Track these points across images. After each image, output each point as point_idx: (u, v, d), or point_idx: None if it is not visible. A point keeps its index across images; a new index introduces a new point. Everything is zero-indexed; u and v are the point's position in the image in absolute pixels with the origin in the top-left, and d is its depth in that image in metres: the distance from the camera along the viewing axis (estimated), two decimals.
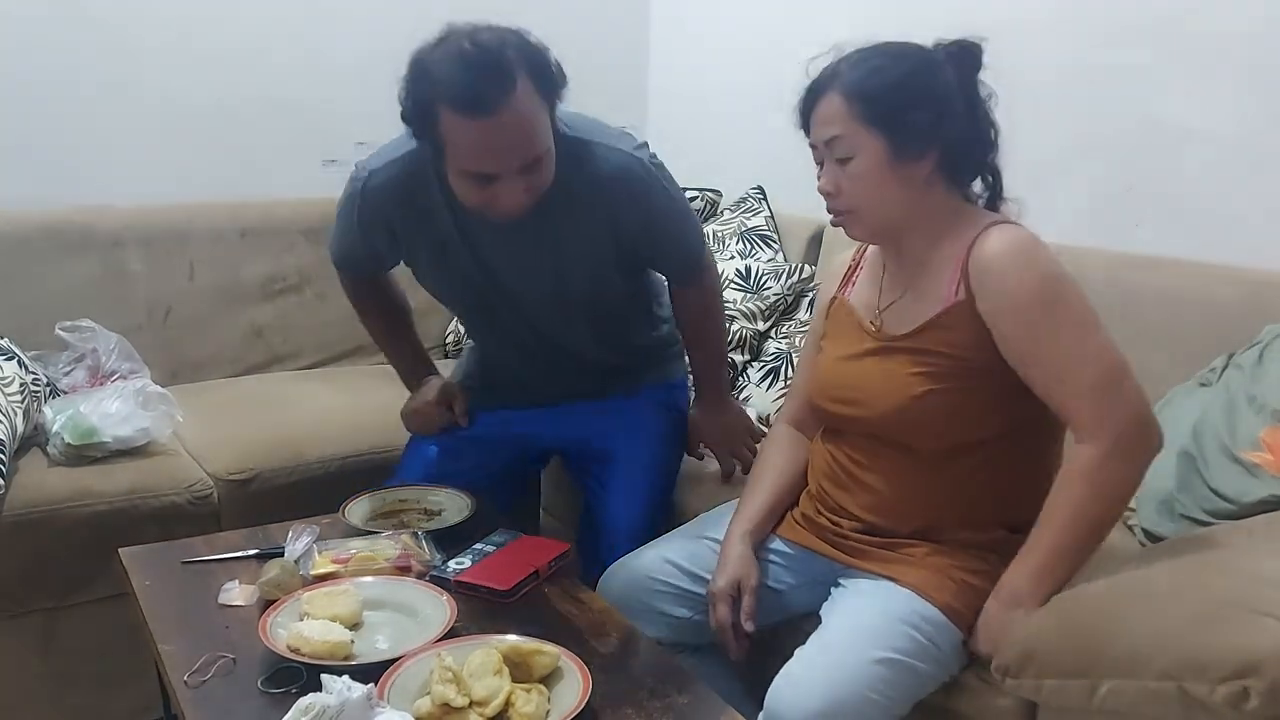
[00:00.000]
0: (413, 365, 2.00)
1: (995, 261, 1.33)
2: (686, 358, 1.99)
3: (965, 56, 1.39)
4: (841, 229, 1.44)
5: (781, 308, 2.38)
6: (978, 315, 1.34)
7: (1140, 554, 1.53)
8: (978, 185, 1.45)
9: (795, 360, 2.19)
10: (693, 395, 2.00)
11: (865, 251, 1.57)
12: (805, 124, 1.42)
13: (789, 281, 2.38)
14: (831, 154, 1.38)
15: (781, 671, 1.31)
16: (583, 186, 1.64)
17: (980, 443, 1.40)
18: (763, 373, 2.25)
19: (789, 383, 2.09)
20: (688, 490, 1.94)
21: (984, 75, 1.41)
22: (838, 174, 1.38)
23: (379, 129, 2.83)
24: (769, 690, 1.30)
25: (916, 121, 1.34)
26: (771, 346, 2.32)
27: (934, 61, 1.38)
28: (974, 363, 1.36)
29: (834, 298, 1.57)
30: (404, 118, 1.55)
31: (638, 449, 1.87)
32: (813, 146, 1.42)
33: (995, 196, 1.45)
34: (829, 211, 1.43)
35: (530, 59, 1.48)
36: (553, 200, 1.60)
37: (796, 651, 1.34)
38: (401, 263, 1.86)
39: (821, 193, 1.41)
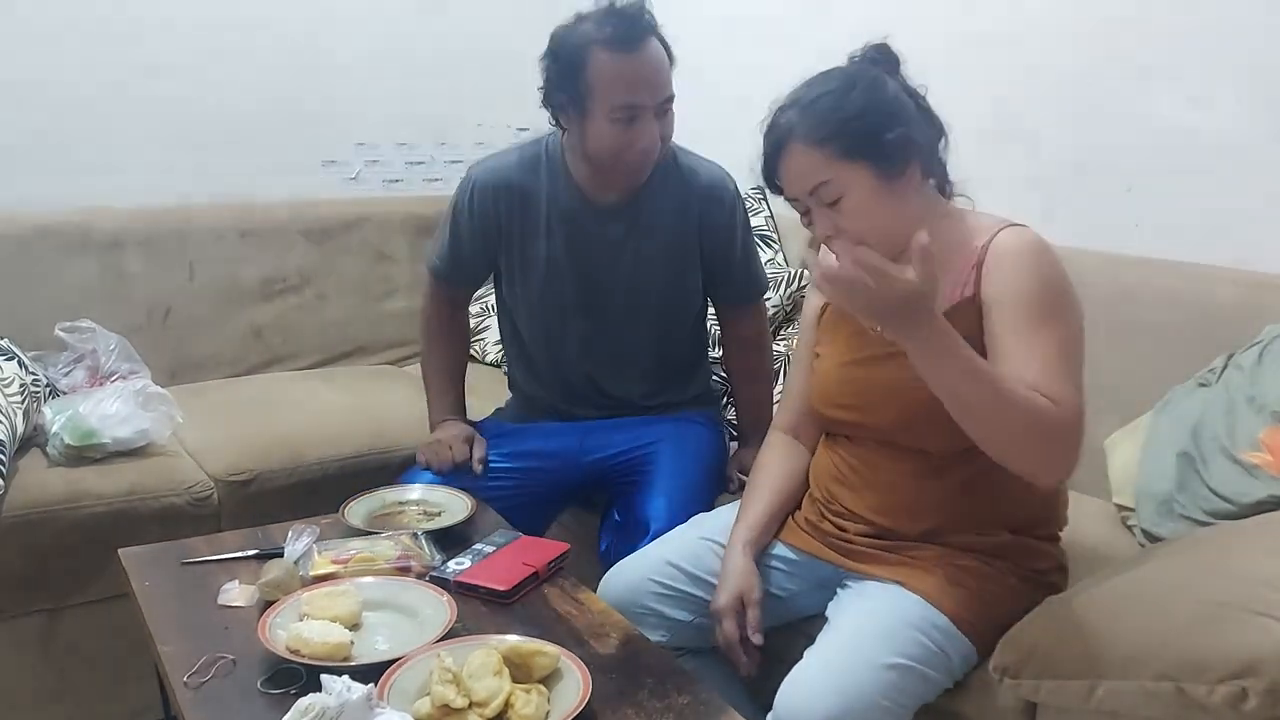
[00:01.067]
0: (450, 404, 1.99)
1: (1009, 256, 1.33)
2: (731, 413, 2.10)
3: (886, 60, 1.38)
4: None
5: (780, 317, 2.37)
6: (980, 311, 1.34)
7: (1140, 554, 1.53)
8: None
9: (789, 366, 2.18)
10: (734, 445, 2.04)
11: None
12: (774, 184, 1.38)
13: (788, 291, 2.37)
14: (819, 200, 1.34)
15: (789, 675, 1.30)
16: (679, 185, 1.86)
17: None
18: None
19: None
20: None
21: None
22: (833, 217, 1.34)
23: (379, 129, 2.89)
24: (777, 694, 1.29)
25: (891, 139, 1.32)
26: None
27: (873, 76, 1.36)
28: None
29: (825, 304, 1.55)
30: (547, 85, 1.75)
31: (683, 459, 1.86)
32: (793, 200, 1.38)
33: (943, 182, 1.44)
34: (838, 253, 1.38)
35: (659, 31, 1.75)
36: (650, 189, 1.82)
37: (805, 653, 1.34)
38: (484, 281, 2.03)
39: (823, 239, 1.37)
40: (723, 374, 2.17)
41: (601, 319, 1.90)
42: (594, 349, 1.92)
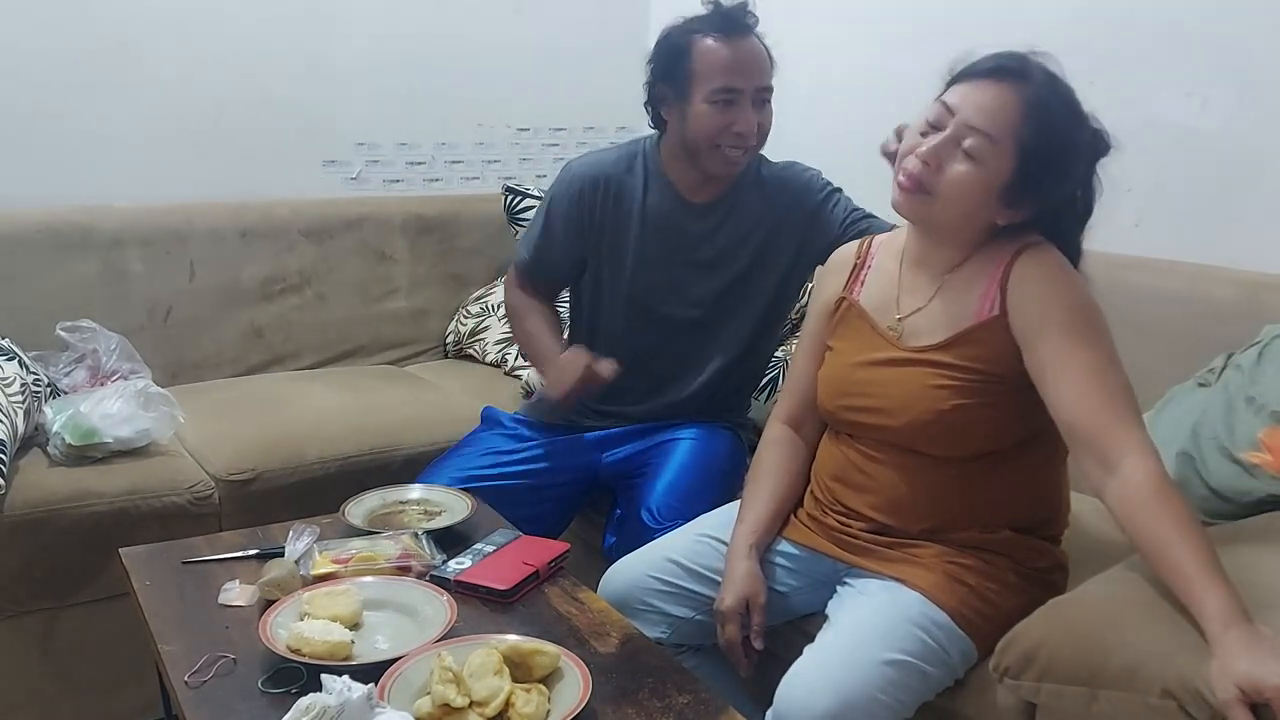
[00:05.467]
0: (558, 347, 1.94)
1: (1035, 283, 1.33)
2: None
3: (1100, 143, 1.37)
4: (899, 192, 1.36)
5: (790, 329, 2.35)
6: (1009, 332, 1.34)
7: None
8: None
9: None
10: None
11: (870, 247, 1.55)
12: (954, 81, 1.32)
13: (799, 304, 2.35)
14: (961, 139, 1.30)
15: (790, 671, 1.30)
16: (770, 177, 1.91)
17: (999, 449, 1.40)
18: (760, 384, 2.22)
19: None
20: None
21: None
22: (949, 158, 1.30)
23: (379, 129, 2.89)
24: (777, 690, 1.29)
25: (1042, 181, 1.32)
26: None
27: (1085, 131, 1.34)
28: (1001, 377, 1.36)
29: (841, 298, 1.53)
30: (651, 80, 1.83)
31: (695, 455, 1.88)
32: (948, 108, 1.31)
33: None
34: (906, 172, 1.34)
35: (760, 34, 1.80)
36: (739, 193, 1.87)
37: (805, 650, 1.34)
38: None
39: (918, 156, 1.32)
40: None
41: (683, 315, 1.92)
42: (668, 343, 1.94)
